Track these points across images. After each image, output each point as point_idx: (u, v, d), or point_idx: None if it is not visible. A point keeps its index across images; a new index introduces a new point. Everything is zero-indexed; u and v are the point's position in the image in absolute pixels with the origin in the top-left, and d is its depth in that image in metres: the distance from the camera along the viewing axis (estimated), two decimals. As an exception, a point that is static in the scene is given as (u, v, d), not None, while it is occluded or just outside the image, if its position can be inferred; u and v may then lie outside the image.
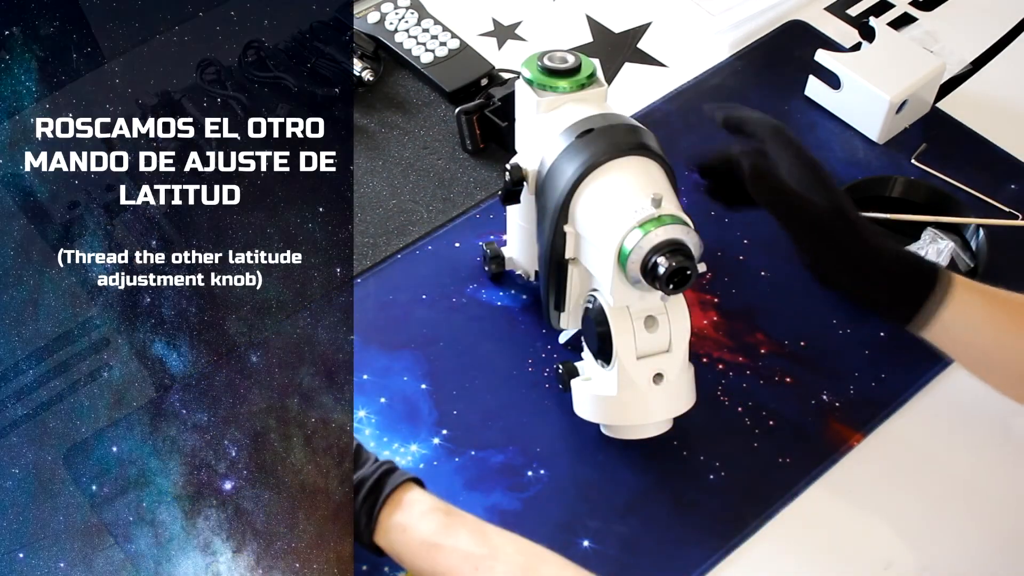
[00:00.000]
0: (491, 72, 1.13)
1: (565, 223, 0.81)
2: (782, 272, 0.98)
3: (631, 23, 1.22)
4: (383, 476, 0.75)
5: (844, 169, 1.07)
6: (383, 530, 0.74)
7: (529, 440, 0.87)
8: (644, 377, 0.80)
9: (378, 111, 1.11)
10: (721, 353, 0.93)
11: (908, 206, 1.02)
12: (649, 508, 0.83)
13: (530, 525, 0.82)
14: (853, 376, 0.91)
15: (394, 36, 1.15)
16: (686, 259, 0.74)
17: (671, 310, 0.81)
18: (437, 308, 0.96)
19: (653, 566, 0.81)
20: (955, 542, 0.83)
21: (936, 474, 0.86)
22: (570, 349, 0.93)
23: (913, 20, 1.23)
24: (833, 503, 0.84)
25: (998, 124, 1.11)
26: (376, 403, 0.89)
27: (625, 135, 0.80)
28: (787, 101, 1.13)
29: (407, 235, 1.01)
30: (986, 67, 1.18)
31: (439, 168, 1.07)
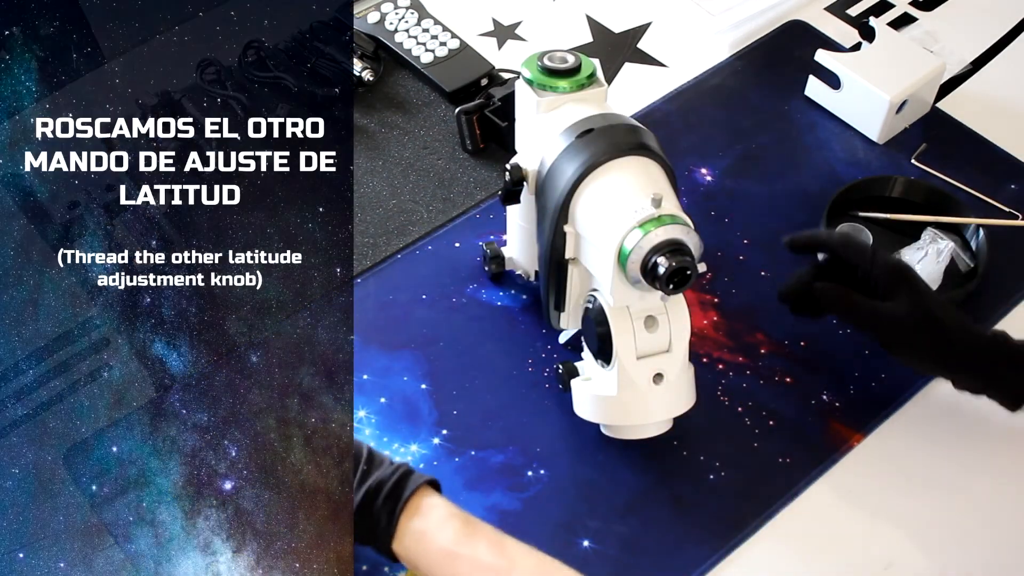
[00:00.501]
0: (491, 72, 1.13)
1: (565, 223, 0.81)
2: (782, 272, 0.98)
3: (631, 23, 1.22)
4: (402, 479, 0.75)
5: (844, 169, 1.07)
6: (400, 536, 0.74)
7: (529, 440, 0.87)
8: (644, 377, 0.80)
9: (378, 111, 1.11)
10: (721, 353, 0.93)
11: (908, 206, 1.02)
12: (649, 508, 0.83)
13: (530, 525, 0.82)
14: (853, 376, 0.91)
15: (394, 36, 1.15)
16: (686, 259, 0.74)
17: (671, 310, 0.81)
18: (437, 308, 0.96)
19: (653, 566, 0.81)
20: (955, 542, 0.83)
21: (936, 474, 0.86)
22: (570, 349, 0.93)
23: (913, 20, 1.23)
24: (833, 503, 0.84)
25: (998, 124, 1.11)
26: (376, 403, 0.89)
27: (625, 135, 0.80)
28: (787, 101, 1.13)
29: (407, 235, 1.01)
30: (986, 67, 1.18)
31: (439, 168, 1.07)
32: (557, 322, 0.90)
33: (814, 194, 1.04)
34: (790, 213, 1.03)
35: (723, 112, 1.13)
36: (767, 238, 1.01)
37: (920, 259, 0.96)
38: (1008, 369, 0.80)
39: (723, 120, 1.12)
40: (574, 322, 0.89)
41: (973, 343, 0.81)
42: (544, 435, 0.88)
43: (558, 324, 0.90)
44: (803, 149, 1.09)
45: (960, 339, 0.81)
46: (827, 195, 1.01)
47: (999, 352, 0.81)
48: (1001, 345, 0.81)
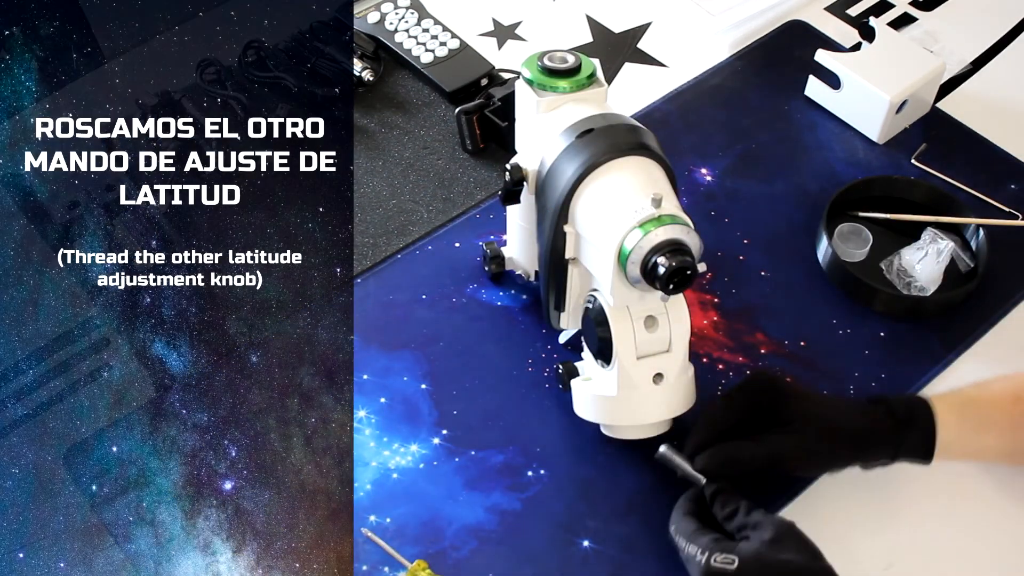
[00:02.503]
0: (491, 72, 1.13)
1: (565, 223, 0.81)
2: (782, 272, 0.98)
3: (631, 23, 1.22)
4: None
5: (844, 169, 1.07)
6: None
7: (529, 440, 0.87)
8: (644, 377, 0.80)
9: (378, 111, 1.11)
10: (721, 353, 0.93)
11: (908, 206, 1.02)
12: (649, 508, 0.83)
13: (530, 525, 0.82)
14: (853, 376, 0.91)
15: (394, 36, 1.15)
16: (686, 259, 0.74)
17: (671, 310, 0.81)
18: (437, 308, 0.96)
19: (653, 566, 0.81)
20: (955, 542, 0.83)
21: (936, 474, 0.86)
22: (570, 349, 0.93)
23: (913, 20, 1.23)
24: (833, 503, 0.84)
25: (998, 124, 1.11)
26: (376, 403, 0.89)
27: (625, 135, 0.80)
28: (787, 101, 1.13)
29: (407, 235, 1.01)
30: (986, 67, 1.18)
31: (439, 168, 1.07)
32: (557, 322, 0.90)
33: (814, 194, 1.04)
34: (790, 213, 1.03)
35: (723, 112, 1.13)
36: (767, 238, 1.01)
37: (920, 259, 0.96)
38: (900, 430, 0.79)
39: (723, 120, 1.12)
40: (574, 322, 0.89)
41: (860, 420, 0.80)
42: (544, 435, 0.88)
43: (558, 324, 0.90)
44: (803, 149, 1.09)
45: (848, 423, 0.80)
46: (827, 195, 1.01)
47: (883, 418, 0.80)
48: (881, 409, 0.80)
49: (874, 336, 0.94)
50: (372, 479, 0.84)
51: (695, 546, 0.73)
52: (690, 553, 0.74)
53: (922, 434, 0.79)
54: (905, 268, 0.96)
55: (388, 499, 0.83)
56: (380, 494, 0.83)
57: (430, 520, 0.82)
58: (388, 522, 0.82)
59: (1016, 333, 0.95)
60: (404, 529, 0.82)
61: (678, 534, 0.76)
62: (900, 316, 0.95)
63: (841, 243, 0.98)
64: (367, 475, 0.84)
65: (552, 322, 0.90)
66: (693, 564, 0.73)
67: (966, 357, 0.93)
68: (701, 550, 0.73)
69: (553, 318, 0.89)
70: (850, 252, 0.98)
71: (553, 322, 0.90)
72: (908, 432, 0.79)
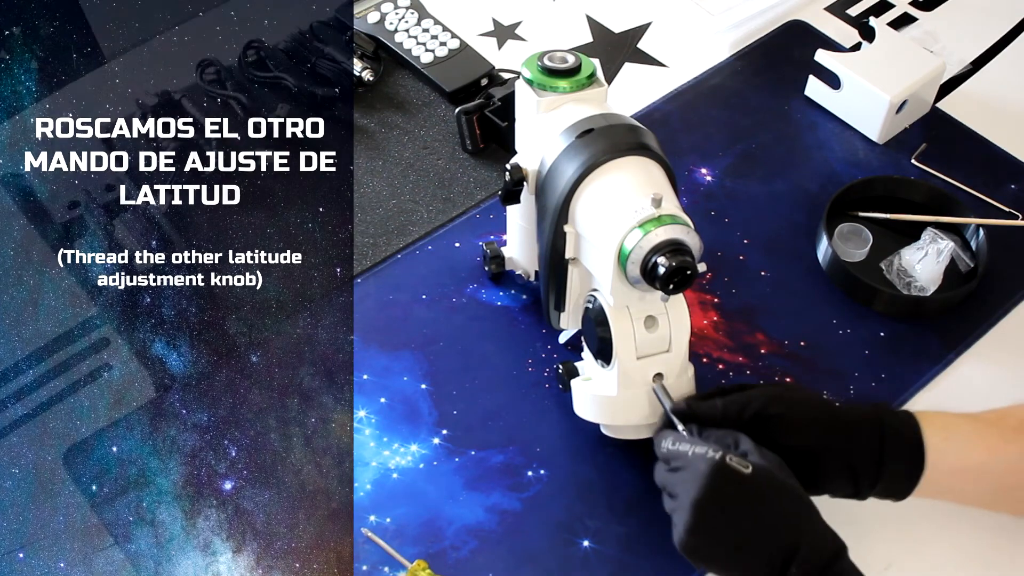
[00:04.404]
0: (491, 72, 1.13)
1: (565, 223, 0.81)
2: (782, 272, 0.98)
3: (631, 23, 1.22)
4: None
5: (844, 169, 1.07)
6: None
7: (529, 440, 0.87)
8: (644, 377, 0.80)
9: (378, 111, 1.11)
10: (721, 353, 0.93)
11: (908, 206, 1.02)
12: (649, 508, 0.83)
13: (530, 525, 0.82)
14: (853, 376, 0.91)
15: (394, 36, 1.15)
16: (686, 259, 0.74)
17: (671, 310, 0.81)
18: (437, 308, 0.96)
19: (653, 566, 0.81)
20: (955, 542, 0.83)
21: (936, 474, 0.86)
22: (570, 349, 0.93)
23: (913, 20, 1.23)
24: (833, 503, 0.84)
25: (998, 124, 1.11)
26: (376, 403, 0.89)
27: (625, 135, 0.80)
28: (787, 101, 1.13)
29: (407, 235, 1.01)
30: (986, 67, 1.18)
31: (439, 168, 1.07)
32: (557, 322, 0.90)
33: (814, 194, 1.04)
34: (790, 213, 1.03)
35: (723, 112, 1.13)
36: (767, 238, 1.01)
37: (920, 259, 0.96)
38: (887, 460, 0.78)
39: (723, 120, 1.12)
40: (574, 322, 0.89)
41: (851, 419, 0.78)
42: (544, 435, 0.88)
43: (558, 324, 0.90)
44: (803, 149, 1.09)
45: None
46: (827, 195, 1.01)
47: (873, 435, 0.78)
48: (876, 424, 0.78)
49: (874, 336, 0.94)
50: (372, 479, 0.84)
51: (704, 445, 0.73)
52: (698, 452, 0.72)
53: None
54: (905, 268, 0.97)
55: (388, 499, 0.83)
56: (380, 494, 0.83)
57: (430, 520, 0.82)
58: (388, 522, 0.82)
59: (1016, 333, 0.95)
60: (404, 529, 0.82)
61: (679, 442, 0.74)
62: (900, 316, 0.95)
63: (841, 243, 0.98)
64: (367, 475, 0.84)
65: (552, 322, 0.90)
66: (701, 460, 0.72)
67: (966, 357, 0.93)
68: (713, 448, 0.72)
69: (553, 318, 0.89)
70: (850, 252, 0.98)
71: (553, 322, 0.90)
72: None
